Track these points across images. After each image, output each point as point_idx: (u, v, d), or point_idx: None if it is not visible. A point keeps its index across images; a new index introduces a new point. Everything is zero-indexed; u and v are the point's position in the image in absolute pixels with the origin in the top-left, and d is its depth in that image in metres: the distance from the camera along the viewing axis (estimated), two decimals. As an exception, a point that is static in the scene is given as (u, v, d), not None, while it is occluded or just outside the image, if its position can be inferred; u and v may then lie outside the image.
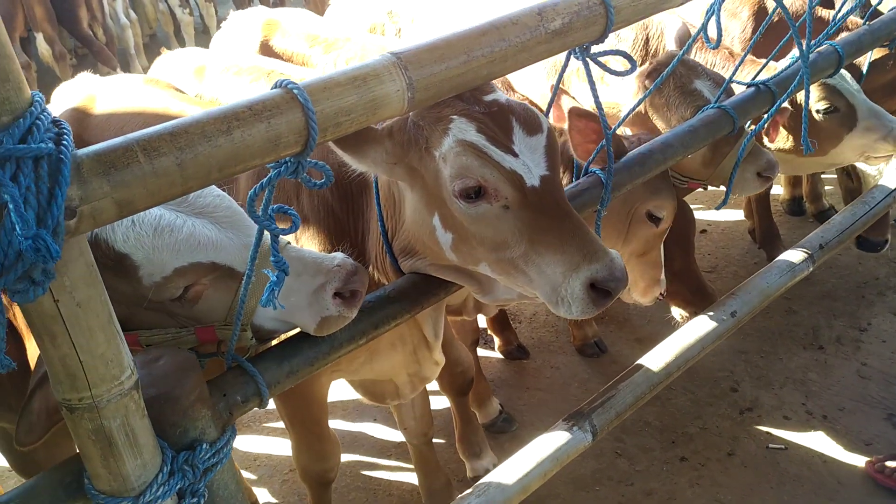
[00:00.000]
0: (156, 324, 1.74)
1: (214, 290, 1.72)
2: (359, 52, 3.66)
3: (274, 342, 1.97)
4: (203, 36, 10.35)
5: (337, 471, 2.98)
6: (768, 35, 2.97)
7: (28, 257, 1.01)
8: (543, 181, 1.73)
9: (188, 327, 1.76)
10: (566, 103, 2.65)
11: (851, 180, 4.43)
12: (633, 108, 2.52)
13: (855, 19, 3.78)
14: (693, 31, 3.36)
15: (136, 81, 3.05)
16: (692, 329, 2.68)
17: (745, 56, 2.70)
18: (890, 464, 3.23)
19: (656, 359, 2.55)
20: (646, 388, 2.47)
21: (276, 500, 3.62)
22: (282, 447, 3.90)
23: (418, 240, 1.93)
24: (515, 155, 1.70)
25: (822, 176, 5.16)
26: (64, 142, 1.09)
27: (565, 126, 2.55)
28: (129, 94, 2.88)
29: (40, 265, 1.08)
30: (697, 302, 3.33)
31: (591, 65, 1.89)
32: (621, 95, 3.35)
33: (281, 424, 4.08)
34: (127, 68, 9.34)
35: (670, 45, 3.52)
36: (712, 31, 2.38)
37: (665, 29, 3.65)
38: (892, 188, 3.49)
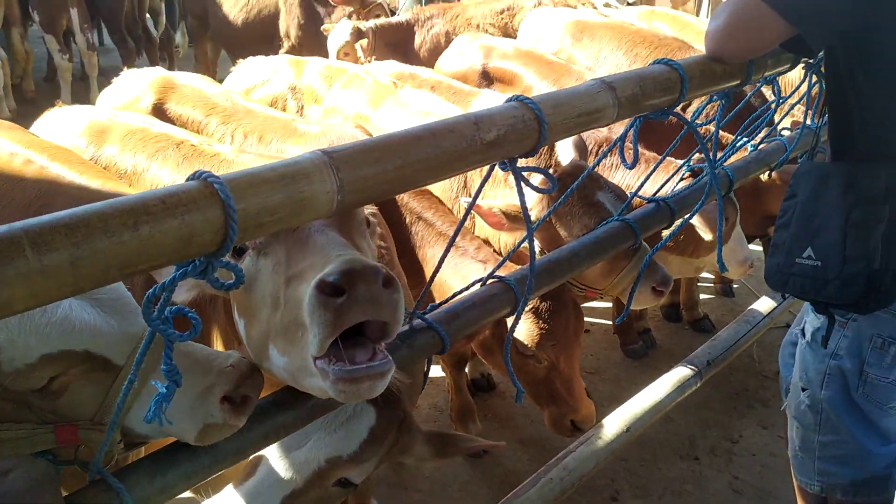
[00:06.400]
0: (8, 417, 1.48)
1: (84, 382, 1.49)
2: (258, 126, 3.52)
3: (146, 451, 1.75)
4: (81, 83, 9.79)
5: None
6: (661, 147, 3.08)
7: None
8: None
9: (47, 424, 1.51)
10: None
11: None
12: (547, 216, 2.51)
13: (726, 134, 3.98)
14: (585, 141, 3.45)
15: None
16: (587, 442, 2.64)
17: (651, 172, 2.75)
18: None
19: (553, 473, 2.48)
20: (540, 505, 2.38)
21: None
22: None
23: None
24: None
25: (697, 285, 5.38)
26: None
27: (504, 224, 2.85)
28: None
29: None
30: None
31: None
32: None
33: None
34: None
35: (564, 152, 3.57)
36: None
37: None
38: (766, 312, 3.68)
